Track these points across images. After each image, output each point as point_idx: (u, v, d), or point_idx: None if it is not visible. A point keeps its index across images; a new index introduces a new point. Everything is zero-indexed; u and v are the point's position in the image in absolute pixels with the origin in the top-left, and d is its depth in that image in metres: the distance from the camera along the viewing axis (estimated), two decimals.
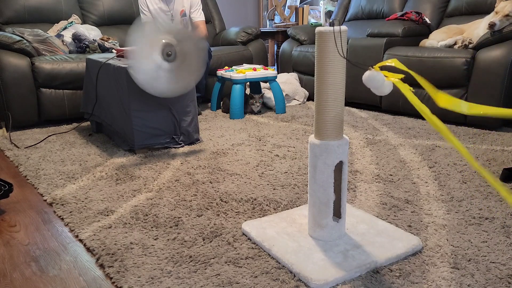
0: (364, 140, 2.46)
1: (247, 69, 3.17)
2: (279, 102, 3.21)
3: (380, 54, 3.06)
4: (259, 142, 2.46)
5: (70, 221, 1.55)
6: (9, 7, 3.40)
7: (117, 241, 1.39)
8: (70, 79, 2.96)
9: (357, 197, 1.69)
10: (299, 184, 1.83)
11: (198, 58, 2.16)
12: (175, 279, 1.18)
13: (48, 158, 2.25)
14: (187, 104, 2.37)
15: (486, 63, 2.53)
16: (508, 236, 1.35)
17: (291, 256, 1.24)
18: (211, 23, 4.24)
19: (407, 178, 1.86)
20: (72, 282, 1.20)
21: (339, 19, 4.12)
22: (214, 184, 1.85)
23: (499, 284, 1.12)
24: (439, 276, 1.16)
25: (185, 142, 2.42)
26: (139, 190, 1.81)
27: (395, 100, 3.01)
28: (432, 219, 1.48)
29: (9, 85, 2.81)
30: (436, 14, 3.37)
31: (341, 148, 1.23)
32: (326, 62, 1.17)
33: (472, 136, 2.45)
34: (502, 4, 2.59)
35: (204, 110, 3.42)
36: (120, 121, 2.34)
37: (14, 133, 2.81)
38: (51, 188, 1.86)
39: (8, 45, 2.83)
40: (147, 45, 2.02)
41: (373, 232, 1.36)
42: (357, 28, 3.87)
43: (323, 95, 1.20)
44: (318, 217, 1.29)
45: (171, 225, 1.49)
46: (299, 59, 3.76)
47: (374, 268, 1.20)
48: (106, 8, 3.78)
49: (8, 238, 1.46)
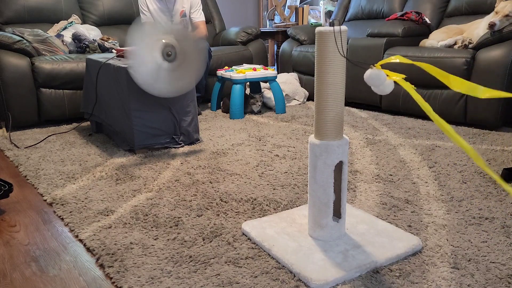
0: (364, 140, 2.46)
1: (247, 69, 3.17)
2: (279, 102, 3.21)
3: (380, 54, 3.06)
4: (259, 142, 2.46)
5: (70, 221, 1.55)
6: (9, 7, 3.40)
7: (117, 241, 1.39)
8: (70, 79, 2.96)
9: (357, 197, 1.69)
10: (299, 184, 1.83)
11: (198, 58, 2.16)
12: (175, 279, 1.18)
13: (48, 158, 2.25)
14: (187, 104, 2.37)
15: (486, 63, 2.53)
16: (508, 236, 1.35)
17: (291, 256, 1.24)
18: (211, 23, 4.24)
19: (407, 178, 1.86)
20: (72, 282, 1.20)
21: (339, 19, 4.12)
22: (214, 184, 1.85)
23: (499, 284, 1.12)
24: (439, 276, 1.16)
25: (185, 142, 2.42)
26: (139, 190, 1.81)
27: (395, 100, 3.01)
28: (432, 219, 1.48)
29: (9, 85, 2.81)
30: (436, 14, 3.37)
31: (341, 148, 1.23)
32: (326, 62, 1.17)
33: (472, 136, 2.45)
34: (502, 4, 2.59)
35: (204, 110, 3.42)
36: (120, 121, 2.34)
37: (14, 133, 2.81)
38: (51, 188, 1.86)
39: (8, 45, 2.83)
40: (147, 45, 2.02)
41: (373, 232, 1.36)
42: (357, 28, 3.87)
43: (323, 95, 1.20)
44: (318, 217, 1.29)
45: (171, 225, 1.49)
46: (299, 59, 3.76)
47: (374, 268, 1.20)
48: (106, 8, 3.78)
49: (8, 238, 1.46)
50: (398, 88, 2.88)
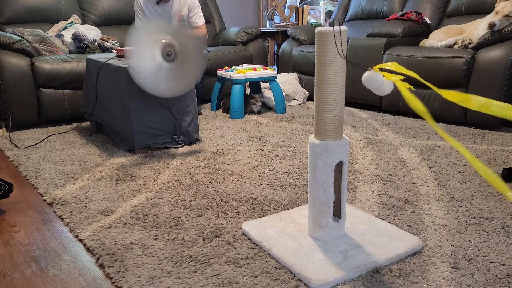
0: (364, 140, 2.46)
1: (247, 69, 3.17)
2: (279, 102, 3.21)
3: (380, 54, 3.06)
4: (259, 142, 2.46)
5: (70, 221, 1.55)
6: (9, 7, 3.40)
7: (117, 241, 1.39)
8: (70, 79, 2.96)
9: (357, 197, 1.69)
10: (299, 184, 1.83)
11: (198, 58, 2.16)
12: (175, 279, 1.18)
13: (48, 158, 2.25)
14: (187, 104, 2.37)
15: (486, 63, 2.53)
16: (508, 236, 1.35)
17: (291, 256, 1.24)
18: (211, 23, 4.24)
19: (407, 178, 1.86)
20: (72, 282, 1.20)
21: (339, 19, 4.12)
22: (214, 184, 1.85)
23: (499, 284, 1.12)
24: (439, 276, 1.16)
25: (185, 142, 2.42)
26: (139, 190, 1.81)
27: (395, 100, 3.01)
28: (432, 219, 1.48)
29: (9, 85, 2.81)
30: (436, 14, 3.37)
31: (341, 148, 1.23)
32: (326, 62, 1.17)
33: (472, 136, 2.45)
34: (502, 4, 2.59)
35: (204, 110, 3.42)
36: (120, 121, 2.34)
37: (14, 133, 2.81)
38: (51, 188, 1.86)
39: (8, 45, 2.83)
40: (147, 45, 2.02)
41: (373, 232, 1.36)
42: (357, 28, 3.87)
43: (323, 95, 1.20)
44: (318, 217, 1.29)
45: (171, 225, 1.49)
46: (299, 59, 3.76)
47: (374, 268, 1.20)
48: (106, 8, 3.78)
49: (8, 238, 1.46)
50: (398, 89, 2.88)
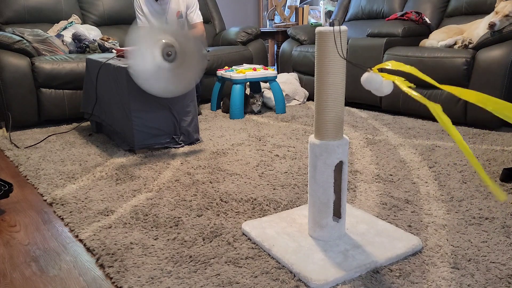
0: (364, 140, 2.46)
1: (247, 69, 3.17)
2: (279, 102, 3.21)
3: (380, 54, 3.06)
4: (259, 142, 2.46)
5: (70, 221, 1.55)
6: (9, 7, 3.40)
7: (117, 241, 1.39)
8: (70, 79, 2.96)
9: (357, 197, 1.69)
10: (299, 184, 1.83)
11: (198, 58, 2.15)
12: (175, 279, 1.18)
13: (48, 158, 2.25)
14: (187, 104, 2.37)
15: (486, 63, 2.53)
16: (508, 236, 1.35)
17: (291, 256, 1.24)
18: (211, 23, 4.24)
19: (407, 178, 1.86)
20: (72, 282, 1.20)
21: (339, 19, 4.12)
22: (214, 184, 1.85)
23: (499, 284, 1.12)
24: (439, 276, 1.16)
25: (185, 142, 2.42)
26: (139, 190, 1.81)
27: (395, 100, 3.01)
28: (432, 219, 1.48)
29: (9, 85, 2.81)
30: (436, 14, 3.37)
31: (341, 148, 1.23)
32: (326, 62, 1.17)
33: (472, 136, 2.45)
34: (502, 4, 2.58)
35: (204, 110, 3.42)
36: (120, 121, 2.34)
37: (14, 133, 2.81)
38: (51, 188, 1.86)
39: (8, 45, 2.83)
40: (147, 45, 2.02)
41: (373, 232, 1.36)
42: (357, 28, 3.87)
43: (323, 95, 1.20)
44: (318, 217, 1.29)
45: (171, 225, 1.49)
46: (299, 59, 3.76)
47: (374, 268, 1.20)
48: (106, 8, 3.78)
49: (8, 238, 1.46)
50: (398, 89, 2.88)
